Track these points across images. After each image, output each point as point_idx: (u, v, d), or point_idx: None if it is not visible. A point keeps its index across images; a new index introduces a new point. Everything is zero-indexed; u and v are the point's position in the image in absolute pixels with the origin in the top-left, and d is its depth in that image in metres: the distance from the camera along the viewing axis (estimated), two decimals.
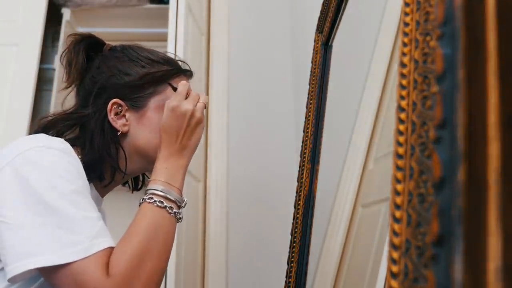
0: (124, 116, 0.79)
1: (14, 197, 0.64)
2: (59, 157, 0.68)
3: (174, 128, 0.76)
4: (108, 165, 0.79)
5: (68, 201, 0.64)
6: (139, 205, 0.72)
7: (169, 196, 0.72)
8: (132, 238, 0.66)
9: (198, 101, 0.79)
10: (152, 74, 0.81)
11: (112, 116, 0.79)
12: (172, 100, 0.77)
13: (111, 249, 0.65)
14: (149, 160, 0.80)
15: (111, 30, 2.28)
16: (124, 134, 0.79)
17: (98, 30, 2.29)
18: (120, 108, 0.79)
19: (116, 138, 0.78)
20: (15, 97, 1.78)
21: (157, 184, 0.73)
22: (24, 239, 0.61)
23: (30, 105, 1.78)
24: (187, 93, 0.80)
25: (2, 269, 0.65)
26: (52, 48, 2.28)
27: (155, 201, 0.71)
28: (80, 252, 0.61)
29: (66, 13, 2.17)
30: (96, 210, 0.68)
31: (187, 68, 0.89)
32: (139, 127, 0.79)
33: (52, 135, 0.77)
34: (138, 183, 0.93)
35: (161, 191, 0.72)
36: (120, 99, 0.79)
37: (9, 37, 1.86)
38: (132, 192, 0.93)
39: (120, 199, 0.99)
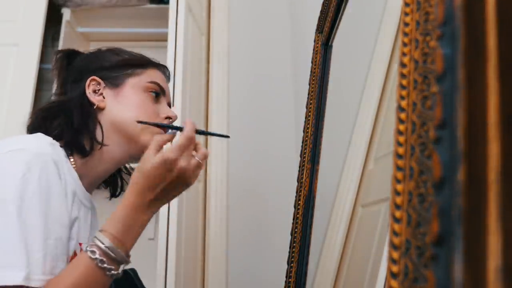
0: (101, 94, 0.84)
1: None
2: (36, 164, 0.66)
3: (158, 178, 0.67)
4: (87, 138, 0.80)
5: (21, 222, 0.62)
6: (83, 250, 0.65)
7: (113, 256, 0.64)
8: None
9: (197, 163, 0.70)
10: (131, 59, 0.87)
11: (89, 92, 0.83)
12: (169, 151, 0.68)
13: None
14: (126, 136, 0.81)
15: (111, 30, 2.28)
16: (101, 110, 0.83)
17: (98, 30, 2.28)
18: (98, 86, 0.84)
19: (93, 112, 0.82)
20: (15, 97, 1.78)
21: (107, 237, 0.65)
22: None
23: (30, 105, 1.78)
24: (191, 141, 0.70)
25: None
26: (52, 48, 2.27)
27: (96, 258, 0.63)
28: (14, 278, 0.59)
29: (66, 13, 2.17)
30: (47, 244, 0.63)
31: (165, 67, 0.93)
32: (115, 103, 0.83)
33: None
34: (116, 189, 0.94)
35: (107, 248, 0.64)
36: (99, 78, 0.84)
37: (9, 37, 1.86)
38: (110, 199, 0.93)
39: (114, 200, 0.99)
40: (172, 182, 0.68)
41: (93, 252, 0.63)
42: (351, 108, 1.08)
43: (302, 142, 1.13)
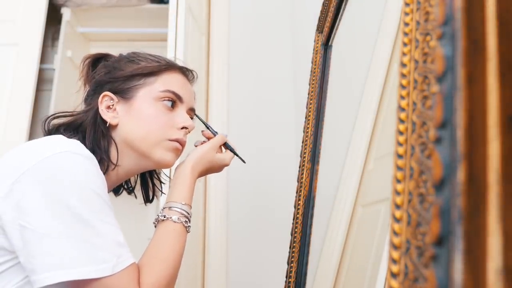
0: (115, 109, 0.81)
1: (39, 204, 0.63)
2: (87, 166, 0.67)
3: (210, 172, 0.90)
4: (102, 159, 0.78)
5: (97, 215, 0.65)
6: (163, 218, 0.77)
7: (189, 216, 0.80)
8: (167, 258, 0.72)
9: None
10: (143, 67, 0.83)
11: (102, 109, 0.80)
12: (226, 160, 0.90)
13: (134, 264, 0.68)
14: (138, 153, 0.80)
15: (111, 30, 2.28)
16: (115, 127, 0.80)
17: (98, 30, 2.28)
18: (111, 101, 0.81)
19: (107, 130, 0.79)
20: (15, 97, 1.78)
21: (184, 205, 0.80)
22: (54, 249, 0.61)
23: (30, 105, 1.78)
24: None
25: (13, 266, 0.65)
26: (52, 48, 2.27)
27: (181, 220, 0.78)
28: (107, 269, 0.63)
29: (66, 13, 2.16)
30: (116, 222, 0.69)
31: (186, 67, 0.89)
32: (128, 118, 0.80)
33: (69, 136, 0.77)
34: (149, 194, 0.94)
35: (186, 211, 0.79)
36: (113, 92, 0.81)
37: (9, 37, 1.86)
38: (146, 204, 0.94)
39: (120, 202, 0.99)
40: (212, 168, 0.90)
41: (178, 218, 0.78)
42: (351, 108, 1.08)
43: (302, 142, 1.13)
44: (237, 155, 0.93)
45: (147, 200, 0.94)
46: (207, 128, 0.93)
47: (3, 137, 1.73)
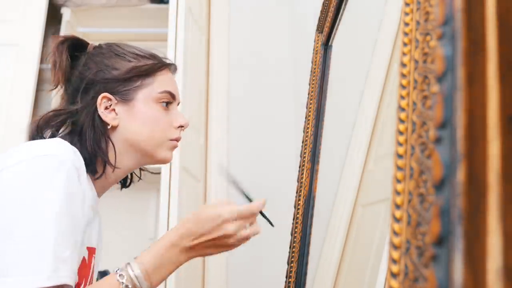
0: (113, 110, 0.80)
1: (4, 205, 0.64)
2: (68, 174, 0.67)
3: (205, 230, 0.71)
4: (99, 159, 0.79)
5: (53, 226, 0.64)
6: (116, 270, 0.70)
7: (138, 286, 0.68)
8: None
9: (246, 235, 0.74)
10: (139, 67, 0.82)
11: (102, 110, 0.79)
12: (227, 212, 0.71)
13: (70, 286, 0.65)
14: (142, 153, 0.81)
15: (111, 30, 2.28)
16: (115, 128, 0.80)
17: (98, 30, 2.28)
18: (109, 102, 0.80)
19: (106, 132, 0.79)
20: (15, 97, 1.78)
21: (138, 268, 0.69)
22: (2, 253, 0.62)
23: (30, 105, 1.78)
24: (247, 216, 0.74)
25: None
26: None
27: (123, 283, 0.68)
28: (41, 280, 0.61)
29: (66, 13, 2.16)
30: (72, 245, 0.66)
31: (171, 62, 0.89)
32: (130, 120, 0.80)
33: (49, 134, 0.77)
34: (126, 180, 0.93)
35: (136, 277, 0.68)
36: (109, 93, 0.80)
37: (9, 37, 1.85)
38: (121, 190, 0.93)
39: (112, 195, 0.99)
40: (215, 240, 0.72)
41: (121, 276, 0.68)
42: (351, 108, 1.08)
43: (302, 142, 1.13)
44: (268, 221, 0.82)
45: (124, 185, 0.93)
46: (244, 196, 0.83)
47: (3, 137, 1.73)
